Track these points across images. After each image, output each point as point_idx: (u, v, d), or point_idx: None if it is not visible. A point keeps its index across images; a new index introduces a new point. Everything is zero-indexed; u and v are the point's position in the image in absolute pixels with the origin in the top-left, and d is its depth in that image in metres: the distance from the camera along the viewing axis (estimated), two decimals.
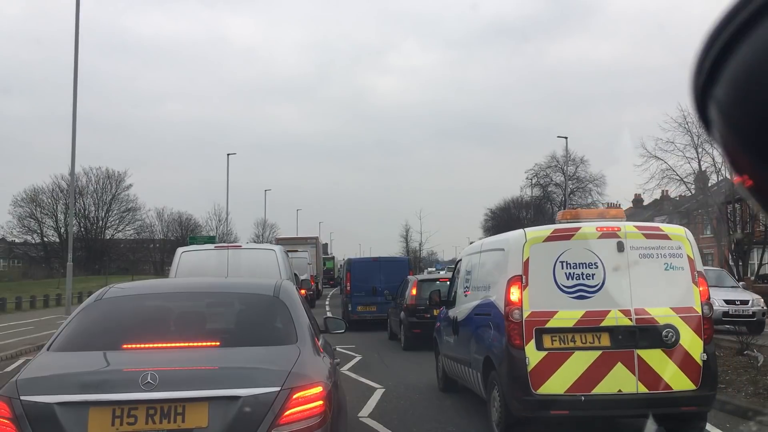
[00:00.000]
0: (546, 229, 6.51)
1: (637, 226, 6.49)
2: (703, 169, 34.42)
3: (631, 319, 6.14)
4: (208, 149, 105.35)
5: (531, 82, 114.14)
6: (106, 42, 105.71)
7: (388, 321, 17.35)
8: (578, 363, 6.05)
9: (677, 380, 6.07)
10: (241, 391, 3.65)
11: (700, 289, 6.31)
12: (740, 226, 31.99)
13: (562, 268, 6.24)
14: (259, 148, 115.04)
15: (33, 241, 71.55)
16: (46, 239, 70.45)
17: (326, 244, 60.45)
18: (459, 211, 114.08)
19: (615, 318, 6.14)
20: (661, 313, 6.17)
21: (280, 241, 26.30)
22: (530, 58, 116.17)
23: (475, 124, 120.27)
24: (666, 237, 6.40)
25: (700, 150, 33.67)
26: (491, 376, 6.73)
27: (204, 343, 4.28)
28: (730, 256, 31.89)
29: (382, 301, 18.51)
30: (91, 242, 70.58)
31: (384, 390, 9.37)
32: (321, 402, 3.76)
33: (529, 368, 6.06)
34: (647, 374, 6.06)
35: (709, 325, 6.31)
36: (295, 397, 3.69)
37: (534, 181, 60.73)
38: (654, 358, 6.10)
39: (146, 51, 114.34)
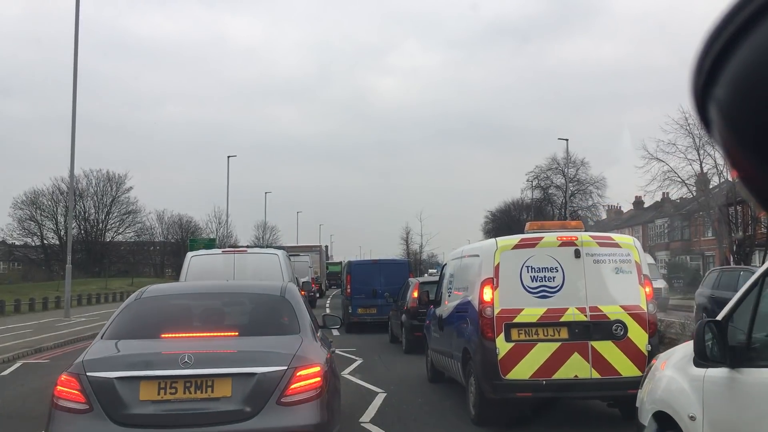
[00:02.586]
0: (514, 238, 7.58)
1: (592, 236, 7.55)
2: (704, 171, 34.58)
3: (586, 316, 7.18)
4: (208, 150, 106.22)
5: (532, 83, 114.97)
6: (106, 43, 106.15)
7: (389, 324, 17.43)
8: (541, 353, 7.09)
9: (625, 367, 7.11)
10: (256, 369, 4.60)
11: (646, 290, 7.36)
12: (742, 228, 32.31)
13: (528, 272, 7.29)
14: (260, 149, 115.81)
15: (33, 244, 72.05)
16: (46, 242, 70.99)
17: (327, 247, 62.10)
18: (459, 213, 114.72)
19: (572, 314, 7.18)
20: (612, 311, 7.22)
21: (289, 249, 27.70)
22: (531, 59, 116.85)
23: (475, 125, 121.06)
24: (617, 245, 7.46)
25: (701, 152, 33.96)
26: (469, 365, 7.78)
27: (226, 333, 5.34)
28: (732, 258, 32.15)
29: (382, 303, 18.80)
30: (91, 245, 70.89)
31: (386, 394, 9.40)
32: (319, 379, 4.71)
33: (499, 357, 7.10)
34: (599, 362, 7.10)
35: (653, 320, 7.37)
36: (298, 374, 4.64)
37: (534, 183, 61.37)
38: (605, 348, 7.14)
39: (146, 52, 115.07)
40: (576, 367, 7.08)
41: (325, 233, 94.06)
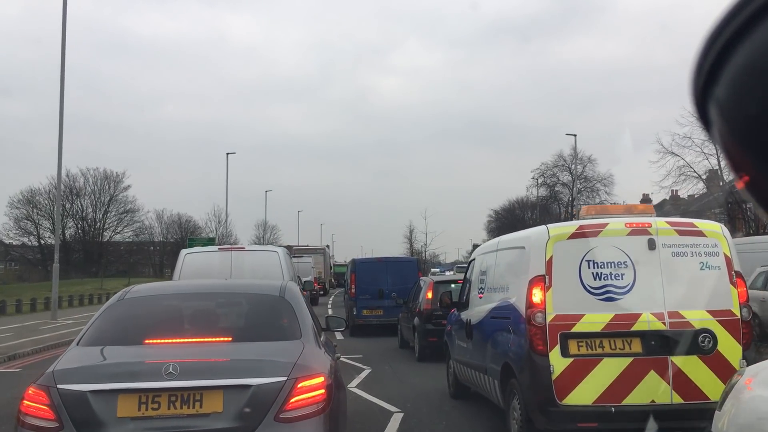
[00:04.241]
0: (570, 226, 6.04)
1: (669, 222, 6.02)
2: (722, 165, 33.58)
3: (664, 323, 5.67)
4: (208, 150, 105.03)
5: (534, 82, 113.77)
6: (105, 42, 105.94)
7: (399, 327, 16.03)
8: (607, 371, 5.59)
9: (714, 389, 5.57)
10: (252, 380, 4.02)
11: (739, 290, 5.84)
12: (758, 225, 31.24)
13: (589, 268, 5.77)
14: (260, 149, 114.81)
15: (30, 244, 70.87)
16: (42, 241, 69.75)
17: (327, 246, 61.64)
18: (461, 213, 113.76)
19: (647, 322, 5.67)
20: (697, 317, 5.71)
21: (293, 251, 27.54)
22: (533, 58, 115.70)
23: (477, 124, 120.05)
24: (701, 234, 5.92)
25: (718, 145, 33.02)
26: (510, 385, 6.25)
27: (217, 339, 4.71)
28: None
29: (389, 304, 17.78)
30: (88, 244, 69.93)
31: (402, 414, 8.01)
32: (323, 391, 4.12)
33: (554, 377, 5.59)
34: (682, 383, 5.59)
35: (748, 329, 5.84)
36: (299, 386, 4.05)
37: (540, 180, 60.05)
38: (689, 365, 5.63)
39: (146, 51, 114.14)
40: (652, 390, 5.57)
41: (326, 233, 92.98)
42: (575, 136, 49.43)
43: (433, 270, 53.41)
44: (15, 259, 73.45)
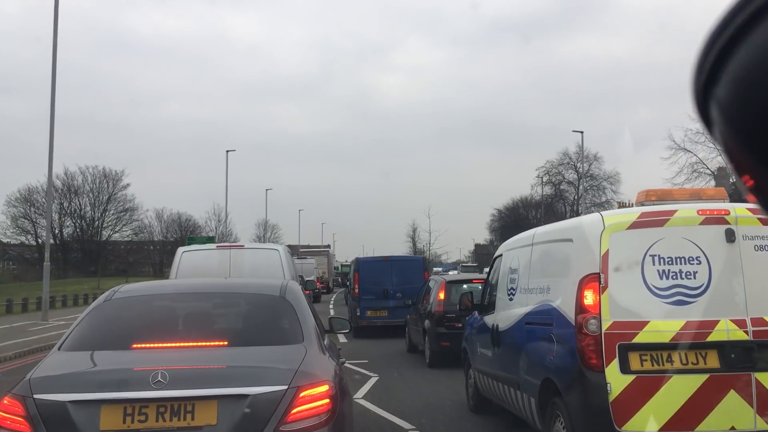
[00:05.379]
0: (631, 213, 5.04)
1: (751, 209, 5.00)
2: None
3: (746, 332, 4.68)
4: (208, 149, 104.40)
5: (536, 80, 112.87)
6: (106, 41, 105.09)
7: (407, 330, 15.14)
8: (677, 391, 4.60)
9: None
10: (249, 389, 3.75)
11: None
12: None
13: (654, 264, 4.77)
14: (260, 148, 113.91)
15: (28, 243, 69.99)
16: (40, 240, 68.88)
17: (328, 246, 61.08)
18: (463, 213, 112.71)
19: (725, 331, 4.67)
20: None
21: (298, 252, 27.39)
22: (534, 56, 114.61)
23: (479, 123, 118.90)
24: None
25: None
26: (552, 405, 5.25)
27: (212, 343, 4.35)
28: None
29: (394, 304, 17.07)
30: (86, 243, 69.08)
31: None
32: (327, 400, 3.83)
33: (611, 397, 4.59)
34: None
35: None
36: (302, 395, 3.77)
37: (545, 179, 59.14)
38: None
39: (147, 50, 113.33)
40: (732, 413, 4.58)
41: (328, 232, 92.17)
42: (582, 133, 48.29)
43: (435, 269, 52.61)
44: (12, 258, 72.65)
